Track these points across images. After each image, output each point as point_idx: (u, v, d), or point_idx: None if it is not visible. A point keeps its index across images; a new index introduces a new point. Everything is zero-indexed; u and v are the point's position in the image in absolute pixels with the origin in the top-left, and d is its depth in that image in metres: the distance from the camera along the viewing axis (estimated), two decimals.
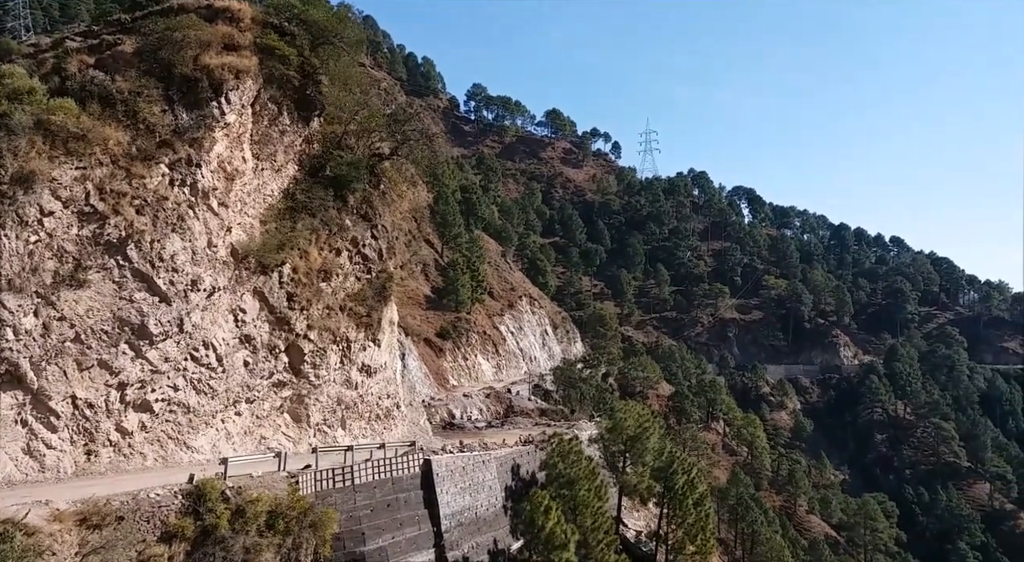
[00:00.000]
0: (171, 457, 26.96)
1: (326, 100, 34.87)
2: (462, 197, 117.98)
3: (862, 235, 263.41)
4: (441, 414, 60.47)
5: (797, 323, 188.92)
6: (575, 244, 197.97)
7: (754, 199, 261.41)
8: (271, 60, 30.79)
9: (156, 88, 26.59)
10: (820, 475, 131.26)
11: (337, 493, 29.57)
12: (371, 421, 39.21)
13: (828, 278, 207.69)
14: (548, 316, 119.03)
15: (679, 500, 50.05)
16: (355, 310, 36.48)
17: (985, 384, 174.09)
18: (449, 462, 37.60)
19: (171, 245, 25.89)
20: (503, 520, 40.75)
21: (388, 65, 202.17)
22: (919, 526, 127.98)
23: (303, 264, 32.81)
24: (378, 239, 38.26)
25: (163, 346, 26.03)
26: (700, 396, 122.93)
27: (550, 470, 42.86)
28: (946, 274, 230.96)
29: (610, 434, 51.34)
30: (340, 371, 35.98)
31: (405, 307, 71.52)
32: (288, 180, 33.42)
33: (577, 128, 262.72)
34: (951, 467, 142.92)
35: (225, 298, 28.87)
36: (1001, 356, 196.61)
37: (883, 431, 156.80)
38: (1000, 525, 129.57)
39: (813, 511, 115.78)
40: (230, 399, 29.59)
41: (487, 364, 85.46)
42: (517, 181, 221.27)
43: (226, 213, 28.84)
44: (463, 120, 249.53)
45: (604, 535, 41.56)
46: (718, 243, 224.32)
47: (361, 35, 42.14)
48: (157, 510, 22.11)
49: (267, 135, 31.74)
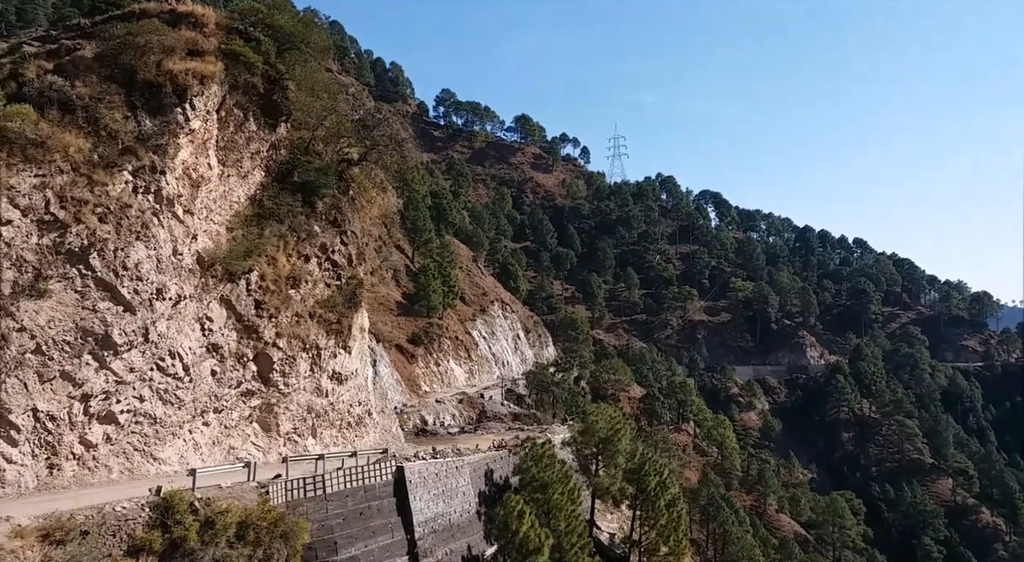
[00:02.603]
0: (137, 469, 26.41)
1: (293, 106, 34.65)
2: (432, 202, 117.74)
3: (826, 237, 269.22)
4: (414, 420, 60.21)
5: (764, 324, 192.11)
6: (546, 248, 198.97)
7: (720, 203, 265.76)
8: (236, 66, 30.49)
9: (118, 94, 26.12)
10: (789, 474, 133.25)
11: (308, 502, 29.22)
12: (342, 429, 38.89)
13: (794, 280, 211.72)
14: (520, 320, 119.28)
15: (652, 501, 50.44)
16: (325, 317, 36.19)
17: (946, 382, 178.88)
18: (422, 469, 37.42)
19: (135, 253, 25.42)
20: (477, 526, 40.67)
21: (356, 70, 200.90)
22: (885, 522, 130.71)
23: (271, 271, 32.46)
24: (348, 245, 38.05)
25: (128, 356, 25.52)
26: (671, 398, 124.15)
27: (524, 474, 42.89)
28: (908, 275, 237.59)
29: (582, 437, 51.55)
30: (310, 379, 35.64)
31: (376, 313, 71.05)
32: (255, 186, 33.08)
33: (547, 133, 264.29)
34: (915, 464, 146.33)
35: (191, 306, 28.43)
36: (961, 354, 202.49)
37: (849, 429, 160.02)
38: (962, 519, 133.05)
39: (783, 510, 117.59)
40: (197, 409, 29.12)
41: (459, 369, 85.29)
42: (487, 186, 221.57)
43: (191, 220, 28.43)
44: (432, 125, 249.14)
45: (578, 538, 41.68)
46: (686, 246, 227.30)
47: (328, 41, 41.95)
48: (123, 523, 21.59)
49: (233, 141, 31.40)
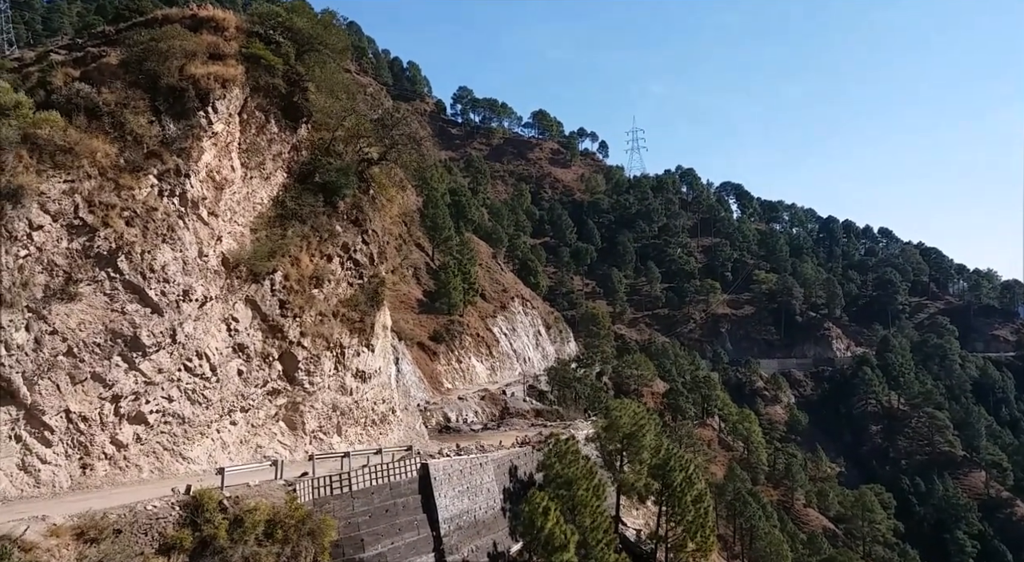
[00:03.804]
0: (167, 468, 26.88)
1: (313, 107, 34.89)
2: (451, 200, 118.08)
3: (851, 227, 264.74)
4: (437, 418, 60.49)
5: (789, 317, 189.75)
6: (566, 244, 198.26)
7: (742, 194, 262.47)
8: (257, 69, 30.81)
9: (142, 99, 26.57)
10: (816, 468, 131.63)
11: (335, 500, 29.49)
12: (367, 427, 39.19)
13: (818, 271, 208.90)
14: (541, 316, 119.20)
15: (678, 497, 50.09)
16: (348, 316, 36.46)
17: (977, 372, 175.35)
18: (446, 465, 37.58)
19: (162, 256, 25.83)
20: (502, 522, 40.76)
21: (374, 70, 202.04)
22: (916, 516, 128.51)
23: (294, 271, 32.78)
24: (369, 244, 38.27)
25: (156, 357, 25.96)
26: (695, 392, 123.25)
27: (548, 471, 42.85)
28: (935, 264, 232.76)
29: (606, 433, 51.37)
30: (334, 377, 35.94)
31: (397, 311, 71.45)
32: (277, 188, 33.40)
33: (564, 128, 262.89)
34: (946, 456, 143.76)
35: (217, 307, 28.82)
36: (992, 344, 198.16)
37: (878, 422, 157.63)
38: (997, 513, 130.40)
39: (811, 504, 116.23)
40: (225, 408, 29.53)
41: (481, 366, 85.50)
42: (506, 182, 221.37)
43: (216, 222, 28.81)
44: (450, 123, 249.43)
45: (603, 535, 41.57)
46: (708, 239, 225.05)
47: (346, 41, 42.20)
48: (155, 522, 21.98)
49: (255, 143, 31.73)
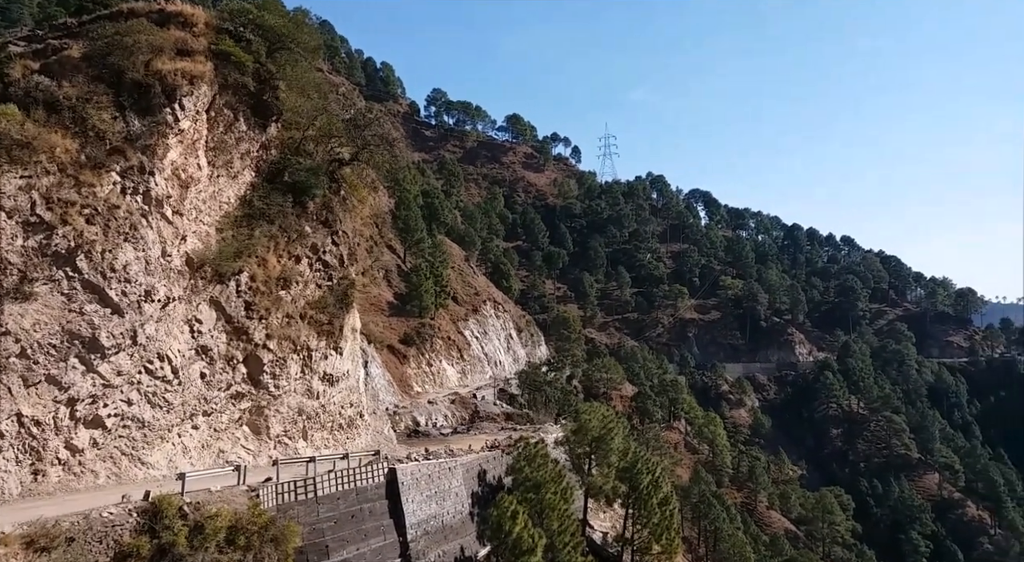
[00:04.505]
0: (125, 474, 26.11)
1: (283, 106, 34.34)
2: (424, 202, 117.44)
3: (814, 235, 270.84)
4: (406, 422, 59.99)
5: (754, 322, 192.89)
6: (538, 248, 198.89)
7: (710, 202, 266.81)
8: (226, 66, 30.18)
9: (106, 94, 25.79)
10: (779, 471, 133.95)
11: (299, 506, 28.99)
12: (334, 431, 38.66)
13: (782, 277, 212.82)
14: (513, 320, 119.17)
15: (644, 500, 50.51)
16: (316, 318, 35.94)
17: (933, 377, 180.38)
18: (414, 470, 37.24)
19: (123, 255, 25.10)
20: (470, 527, 40.56)
21: (346, 70, 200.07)
22: (874, 517, 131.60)
23: (261, 272, 32.19)
24: (339, 245, 37.80)
25: (116, 359, 25.21)
26: (662, 396, 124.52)
27: (517, 474, 42.82)
28: (894, 272, 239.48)
29: (575, 436, 51.54)
30: (301, 381, 35.38)
31: (367, 314, 70.74)
32: (245, 187, 32.77)
33: (538, 133, 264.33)
34: (903, 459, 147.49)
35: (180, 308, 28.14)
36: (946, 350, 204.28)
37: (838, 426, 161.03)
38: (948, 514, 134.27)
39: (773, 506, 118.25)
40: (186, 412, 28.83)
41: (452, 370, 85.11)
42: (479, 185, 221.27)
43: (181, 221, 28.13)
44: (423, 125, 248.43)
45: (571, 538, 41.67)
46: (676, 245, 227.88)
47: (318, 40, 41.64)
48: (110, 529, 21.32)
49: (223, 141, 31.08)
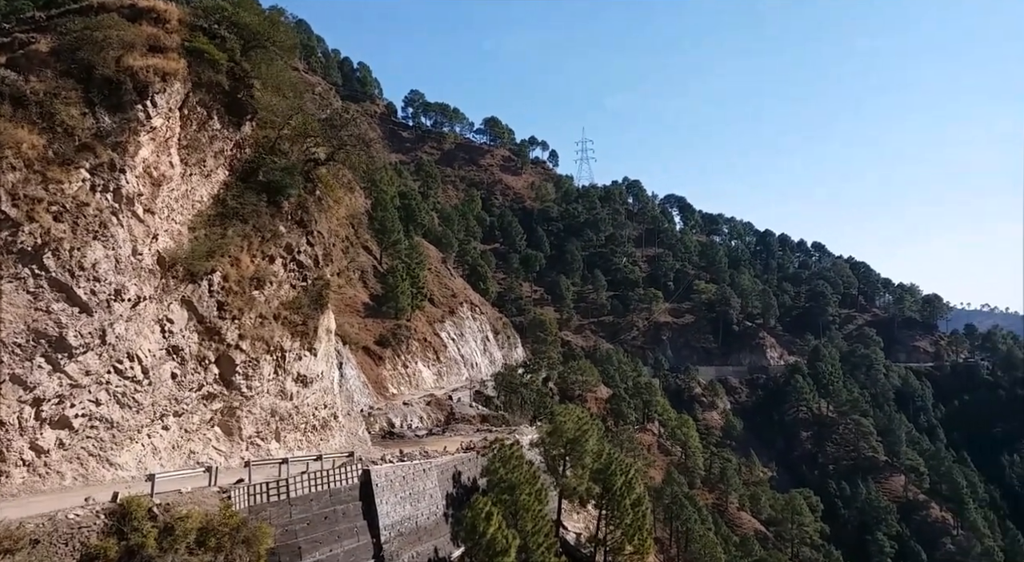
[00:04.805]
0: (92, 475, 25.67)
1: (258, 104, 34.06)
2: (401, 203, 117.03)
3: (786, 241, 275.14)
4: (381, 423, 59.69)
5: (726, 326, 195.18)
6: (515, 250, 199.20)
7: (685, 207, 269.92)
8: (200, 63, 29.87)
9: (75, 90, 25.36)
10: (750, 472, 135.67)
11: (272, 507, 28.80)
12: (307, 432, 38.38)
13: (755, 282, 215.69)
14: (489, 322, 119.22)
15: (617, 501, 50.90)
16: (290, 319, 35.67)
17: (899, 382, 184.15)
18: (389, 472, 37.15)
19: (92, 253, 24.71)
20: (444, 528, 40.55)
21: (323, 70, 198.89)
22: (841, 519, 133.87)
23: (234, 272, 31.87)
24: (314, 245, 37.56)
25: (84, 359, 24.80)
26: (636, 398, 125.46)
27: (491, 476, 42.90)
28: (863, 278, 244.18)
29: (550, 438, 51.79)
30: (274, 382, 35.09)
31: (343, 315, 70.28)
32: (218, 186, 32.45)
33: (516, 136, 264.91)
34: (870, 461, 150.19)
35: (151, 308, 27.77)
36: (913, 355, 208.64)
37: (808, 428, 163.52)
38: (913, 515, 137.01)
39: (744, 508, 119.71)
40: (157, 413, 28.44)
41: (428, 371, 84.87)
42: (457, 188, 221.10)
43: (152, 220, 27.76)
44: (401, 126, 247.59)
45: (544, 539, 41.85)
46: (652, 249, 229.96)
47: (294, 39, 41.44)
48: (77, 531, 20.99)
49: (196, 140, 30.75)
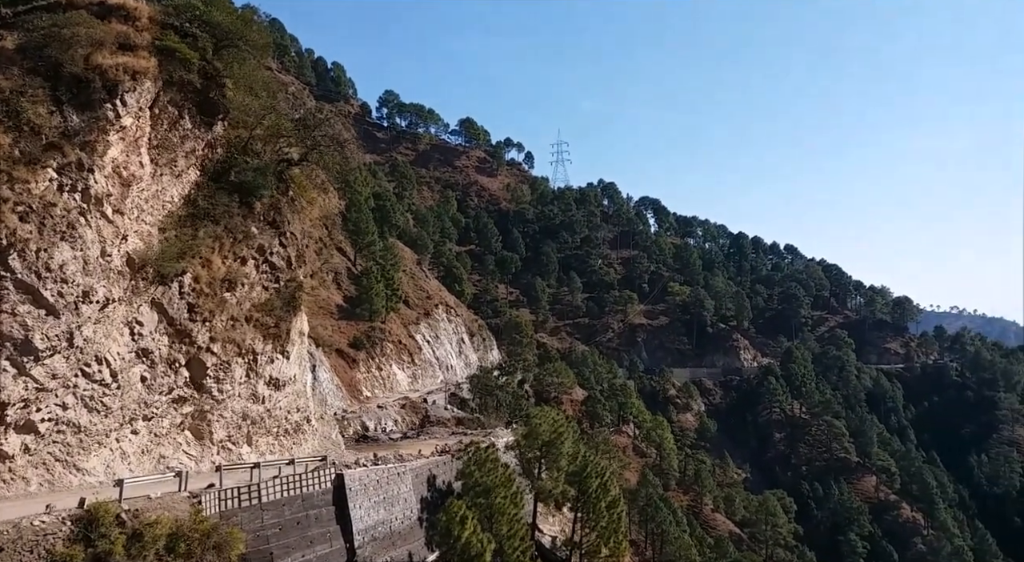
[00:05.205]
0: (59, 481, 25.16)
1: (230, 104, 33.65)
2: (375, 204, 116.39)
3: (759, 243, 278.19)
4: (354, 427, 59.32)
5: (700, 328, 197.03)
6: (491, 252, 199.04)
7: (659, 209, 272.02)
8: (171, 62, 29.44)
9: (42, 88, 24.85)
10: (724, 474, 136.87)
11: (243, 512, 28.47)
12: (279, 436, 37.99)
13: (728, 284, 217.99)
14: (465, 324, 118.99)
15: (593, 504, 51.07)
16: (262, 321, 35.29)
17: (871, 383, 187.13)
18: (362, 476, 36.91)
19: (60, 254, 24.23)
20: (418, 532, 40.36)
21: (296, 70, 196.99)
22: (814, 520, 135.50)
23: (205, 273, 31.46)
24: (287, 247, 37.22)
25: (50, 362, 24.29)
26: (611, 400, 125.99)
27: (467, 479, 42.79)
28: (835, 280, 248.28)
29: (526, 440, 51.82)
30: (246, 385, 34.68)
31: (316, 317, 69.69)
32: (189, 186, 32.01)
33: (491, 138, 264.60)
34: (842, 462, 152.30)
35: (120, 310, 27.29)
36: (884, 356, 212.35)
37: (781, 430, 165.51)
38: (885, 515, 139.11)
39: (718, 509, 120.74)
40: (125, 417, 27.95)
41: (402, 374, 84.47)
42: (432, 189, 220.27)
43: (121, 220, 27.30)
44: (375, 127, 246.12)
45: (520, 542, 41.85)
46: (627, 251, 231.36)
47: (267, 38, 40.96)
48: (42, 538, 20.57)
49: (167, 139, 30.31)
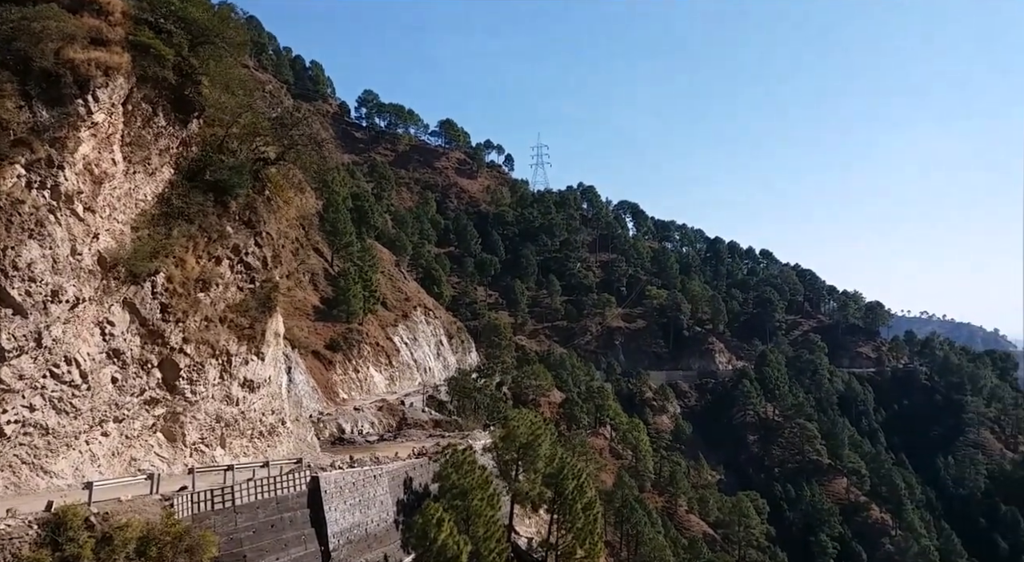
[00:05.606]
0: (25, 484, 24.59)
1: (206, 102, 33.21)
2: (353, 205, 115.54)
3: (735, 248, 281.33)
4: (330, 429, 58.76)
5: (677, 331, 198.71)
6: (470, 254, 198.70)
7: (638, 213, 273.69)
8: (145, 58, 28.96)
9: (10, 82, 24.28)
10: (698, 475, 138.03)
11: (216, 515, 28.07)
12: (254, 439, 37.53)
13: (704, 288, 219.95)
14: (443, 326, 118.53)
15: (569, 505, 51.17)
16: (237, 322, 34.86)
17: (843, 386, 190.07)
18: (338, 478, 36.62)
19: (28, 253, 23.72)
20: (394, 535, 40.14)
21: (274, 68, 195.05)
22: (787, 521, 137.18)
23: (179, 273, 31.00)
24: (262, 247, 36.82)
25: (17, 363, 23.75)
26: (589, 402, 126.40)
27: (443, 481, 42.62)
28: (809, 285, 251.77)
29: (503, 443, 51.74)
30: (219, 387, 34.23)
31: (292, 318, 68.97)
32: (163, 184, 31.53)
33: (471, 139, 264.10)
34: (814, 464, 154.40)
35: (91, 310, 26.78)
36: (856, 360, 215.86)
37: (755, 432, 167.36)
38: (855, 516, 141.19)
39: (692, 510, 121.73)
40: (96, 419, 27.42)
41: (380, 376, 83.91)
42: (411, 190, 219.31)
43: (93, 218, 26.80)
44: (354, 126, 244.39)
45: (496, 544, 41.77)
46: (605, 255, 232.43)
47: (244, 36, 40.47)
48: (7, 542, 20.15)
49: (140, 136, 29.82)
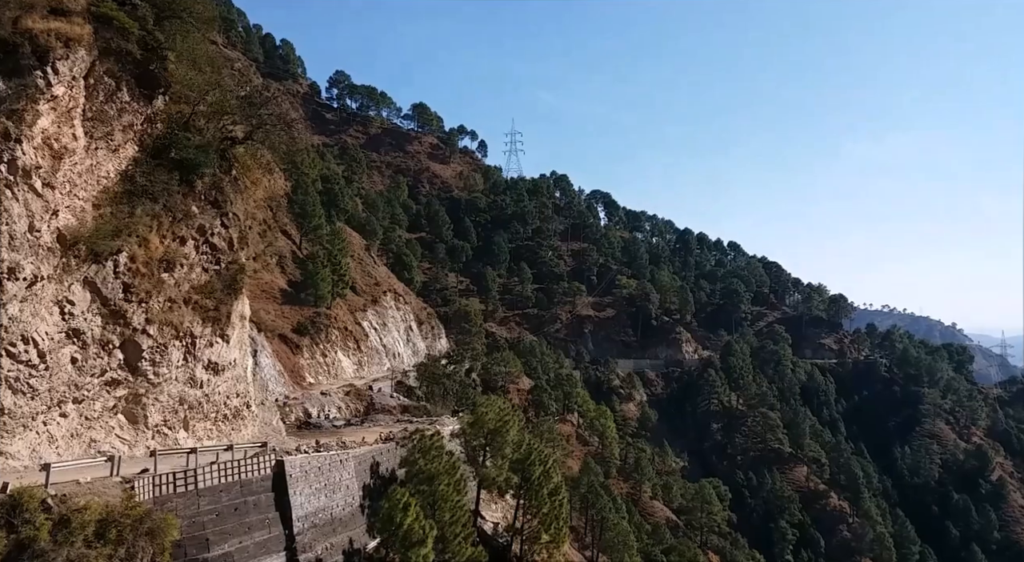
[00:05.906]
0: None
1: (172, 78, 32.40)
2: (323, 187, 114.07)
3: (704, 240, 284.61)
4: (297, 413, 58.39)
5: (645, 320, 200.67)
6: (442, 240, 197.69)
7: (610, 203, 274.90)
8: (108, 31, 28.13)
9: None
10: (663, 463, 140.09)
11: (178, 498, 27.78)
12: (218, 422, 37.10)
13: (673, 279, 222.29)
14: (413, 312, 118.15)
15: (535, 491, 51.69)
16: (201, 303, 34.31)
17: (805, 377, 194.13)
18: (303, 462, 36.42)
19: None
20: (360, 519, 40.13)
21: (243, 45, 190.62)
22: (748, 507, 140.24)
23: (142, 253, 30.34)
24: (228, 228, 36.20)
25: None
26: (557, 389, 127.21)
27: (410, 467, 42.71)
28: (775, 277, 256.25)
29: (471, 428, 51.96)
30: (183, 369, 33.71)
31: (258, 301, 68.15)
32: (127, 161, 30.74)
33: (444, 124, 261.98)
34: (776, 453, 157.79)
35: (50, 288, 26.11)
36: (819, 352, 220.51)
37: (719, 421, 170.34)
38: (814, 504, 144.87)
39: (656, 497, 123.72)
40: (54, 399, 26.81)
41: (348, 361, 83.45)
42: (382, 174, 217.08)
43: (52, 195, 26.06)
44: (325, 107, 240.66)
45: (462, 529, 42.05)
46: (577, 244, 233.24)
47: (213, 11, 39.57)
48: None
49: (103, 112, 29.00)
